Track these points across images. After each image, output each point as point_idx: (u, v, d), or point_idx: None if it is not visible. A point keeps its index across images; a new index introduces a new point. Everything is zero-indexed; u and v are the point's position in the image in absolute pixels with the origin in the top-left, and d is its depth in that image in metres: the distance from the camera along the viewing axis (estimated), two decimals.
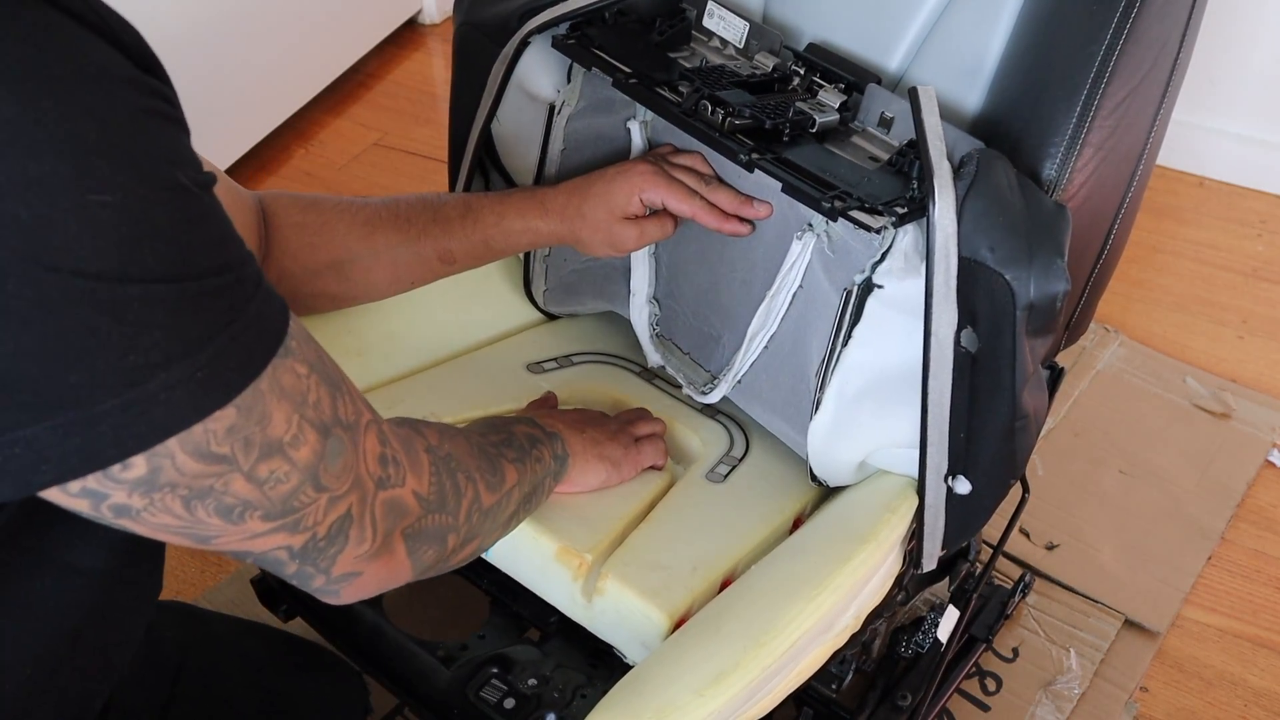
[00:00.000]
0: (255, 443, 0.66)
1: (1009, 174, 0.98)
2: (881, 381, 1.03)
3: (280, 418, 0.67)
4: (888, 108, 1.08)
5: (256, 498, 0.68)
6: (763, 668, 0.92)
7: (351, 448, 0.73)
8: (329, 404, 0.71)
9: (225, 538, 0.69)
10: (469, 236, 1.15)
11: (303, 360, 0.69)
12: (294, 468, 0.69)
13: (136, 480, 0.62)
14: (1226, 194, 2.32)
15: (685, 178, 1.15)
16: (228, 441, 0.64)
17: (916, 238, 0.98)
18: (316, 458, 0.70)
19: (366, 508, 0.76)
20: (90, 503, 0.63)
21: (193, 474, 0.64)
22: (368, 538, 0.76)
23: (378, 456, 0.76)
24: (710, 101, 1.05)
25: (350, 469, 0.74)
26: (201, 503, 0.66)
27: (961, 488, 1.01)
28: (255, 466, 0.67)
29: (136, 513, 0.64)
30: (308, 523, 0.72)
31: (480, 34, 1.22)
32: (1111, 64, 1.00)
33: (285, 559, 0.73)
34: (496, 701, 1.05)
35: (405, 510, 0.79)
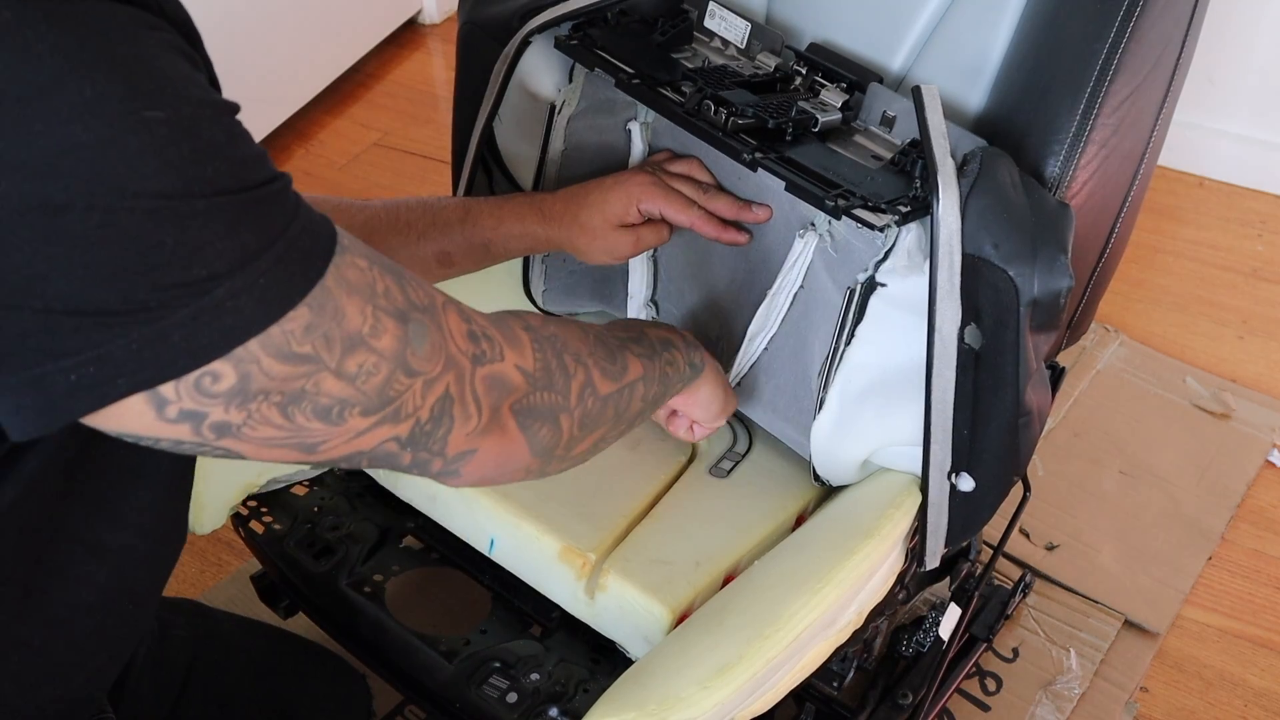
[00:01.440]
0: (335, 338, 0.66)
1: (1012, 172, 0.98)
2: (885, 380, 1.03)
3: (354, 310, 0.67)
4: (890, 107, 1.08)
5: (351, 394, 0.68)
6: (766, 661, 0.92)
7: (435, 328, 0.73)
8: (399, 291, 0.71)
9: (331, 441, 0.69)
10: (468, 239, 1.15)
11: (361, 255, 0.69)
12: (381, 357, 0.69)
13: (229, 391, 0.63)
14: (1226, 194, 2.32)
15: (683, 187, 1.15)
16: (308, 340, 0.65)
17: (919, 236, 0.98)
18: (401, 344, 0.70)
19: (466, 385, 0.75)
20: (191, 426, 0.63)
21: (282, 376, 0.64)
22: (473, 413, 0.76)
23: (465, 333, 0.76)
24: (713, 101, 1.05)
25: (439, 349, 0.73)
26: (298, 407, 0.66)
27: (965, 485, 1.02)
28: (342, 362, 0.67)
29: (237, 428, 0.65)
30: (408, 409, 0.72)
31: (483, 33, 1.22)
32: (1115, 62, 1.00)
33: (396, 450, 0.73)
34: (499, 696, 1.05)
35: (509, 385, 0.78)
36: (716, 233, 1.14)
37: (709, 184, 1.17)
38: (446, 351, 0.74)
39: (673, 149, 1.21)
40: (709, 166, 1.18)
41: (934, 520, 1.04)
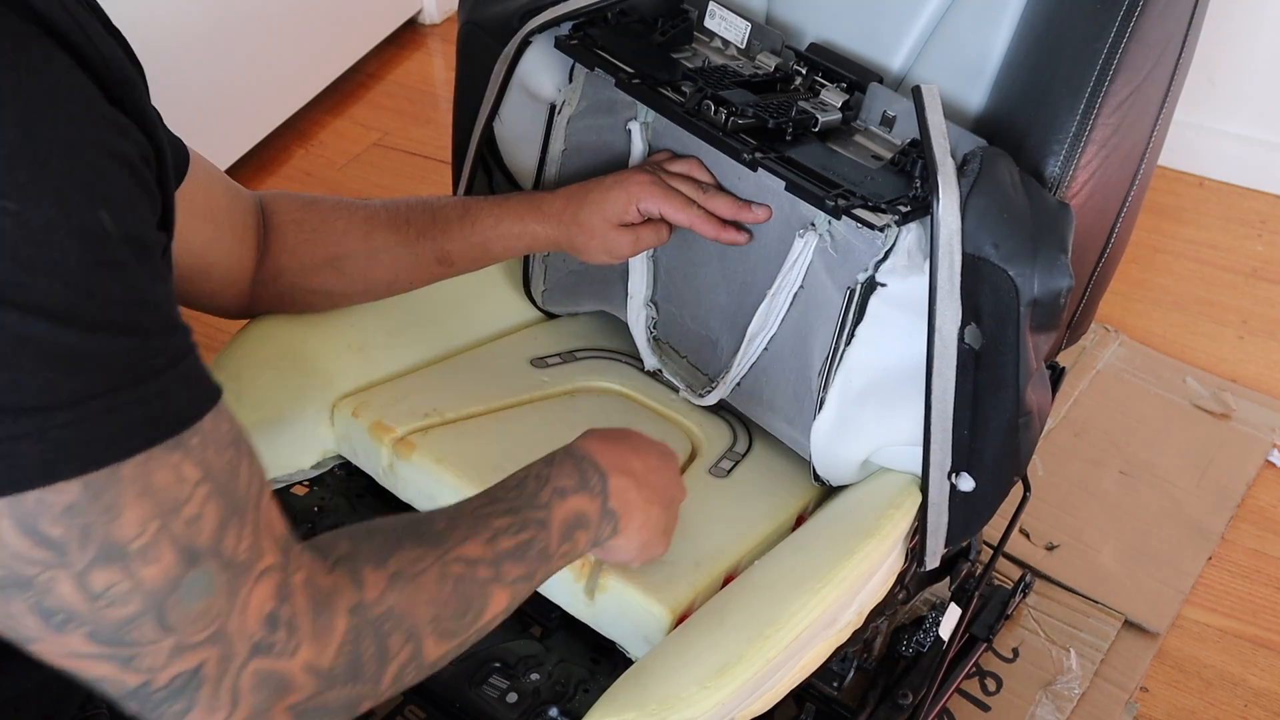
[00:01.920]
0: (94, 537, 0.57)
1: (1012, 172, 0.98)
2: (885, 380, 1.03)
3: (133, 517, 0.58)
4: (890, 107, 1.08)
5: (85, 610, 0.58)
6: (766, 660, 0.92)
7: (225, 592, 0.62)
8: (211, 528, 0.61)
9: (44, 644, 0.59)
10: (467, 239, 1.15)
11: (199, 464, 0.60)
12: (135, 588, 0.58)
13: None
14: (1226, 194, 2.32)
15: (683, 186, 1.15)
16: (62, 523, 0.56)
17: (919, 235, 0.98)
18: (168, 586, 0.59)
19: (229, 671, 0.63)
20: None
21: (13, 552, 0.55)
22: (224, 707, 0.63)
23: (264, 615, 0.64)
24: (713, 101, 1.05)
25: (214, 617, 0.62)
26: (20, 594, 0.57)
27: (965, 485, 1.02)
28: (89, 570, 0.57)
29: None
30: (143, 664, 0.60)
31: (483, 33, 1.22)
32: (1115, 62, 1.00)
33: (118, 694, 0.62)
34: (498, 696, 1.05)
35: (288, 686, 0.65)
36: (715, 232, 1.14)
37: (708, 184, 1.17)
38: (222, 624, 0.62)
39: (673, 149, 1.21)
40: (709, 166, 1.18)
41: (934, 520, 1.04)
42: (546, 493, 0.85)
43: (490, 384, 1.24)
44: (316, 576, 0.67)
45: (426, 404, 1.19)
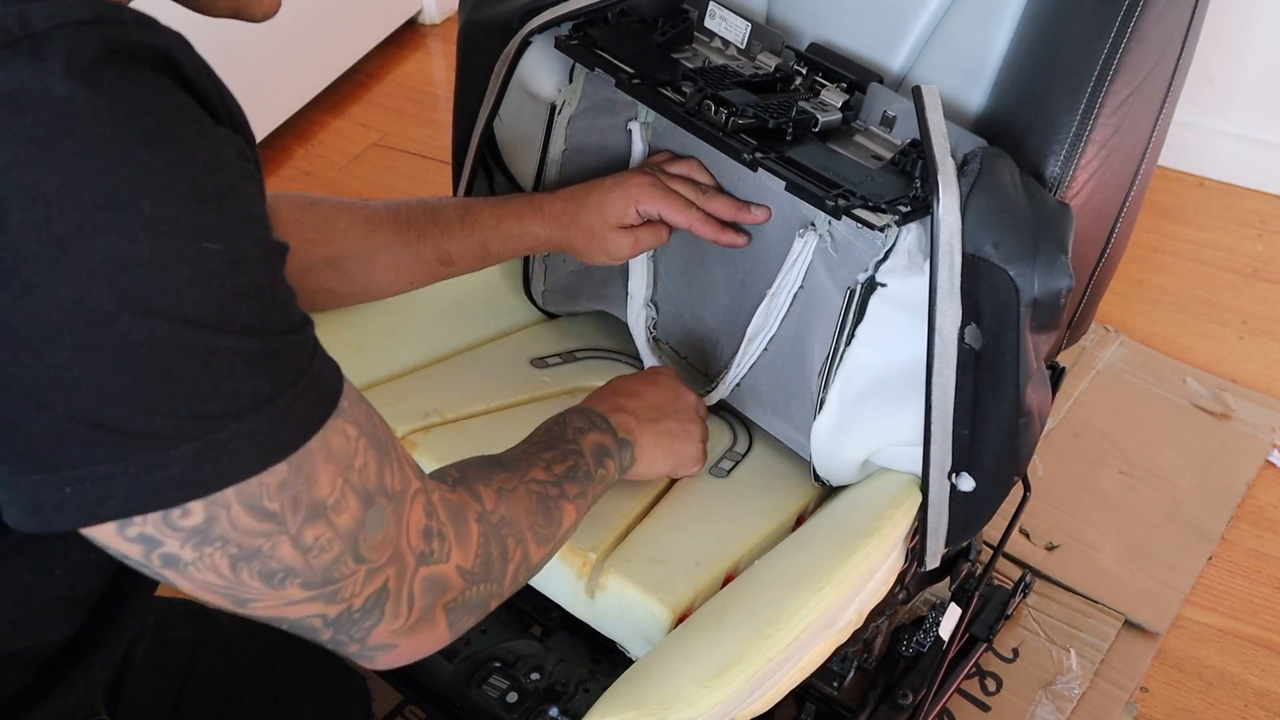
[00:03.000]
0: (302, 503, 0.67)
1: (1012, 172, 0.98)
2: (885, 380, 1.03)
3: (326, 479, 0.68)
4: (890, 107, 1.08)
5: (300, 565, 0.68)
6: (766, 660, 0.92)
7: (394, 519, 0.73)
8: (375, 470, 0.71)
9: (263, 602, 0.69)
10: (467, 239, 1.15)
11: (353, 422, 0.70)
12: (336, 534, 0.69)
13: (192, 529, 0.63)
14: (1226, 194, 2.32)
15: (681, 188, 1.15)
16: (279, 497, 0.65)
17: (920, 236, 0.98)
18: (357, 525, 0.70)
19: (405, 582, 0.74)
20: (143, 549, 0.64)
21: (244, 529, 0.65)
22: (403, 612, 0.75)
23: (422, 530, 0.75)
24: (713, 101, 1.05)
25: (390, 541, 0.73)
26: (248, 564, 0.66)
27: (965, 485, 1.02)
28: (302, 529, 0.67)
29: (184, 565, 0.65)
30: (345, 594, 0.71)
31: (483, 33, 1.22)
32: (1115, 62, 1.00)
33: (320, 626, 0.73)
34: (499, 696, 1.05)
35: (447, 585, 0.78)
36: (714, 234, 1.14)
37: (708, 185, 1.17)
38: (396, 545, 0.73)
39: (673, 149, 1.21)
40: (709, 166, 1.18)
41: (934, 520, 1.04)
42: (570, 431, 0.98)
43: (490, 384, 1.24)
44: (447, 495, 0.79)
45: (427, 404, 1.19)
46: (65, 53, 0.56)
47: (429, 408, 1.18)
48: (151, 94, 0.59)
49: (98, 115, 0.57)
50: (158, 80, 0.60)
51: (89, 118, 0.56)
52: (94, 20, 0.57)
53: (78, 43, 0.56)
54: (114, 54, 0.58)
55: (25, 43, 0.56)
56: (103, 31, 0.57)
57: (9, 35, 0.55)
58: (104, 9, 0.58)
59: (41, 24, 0.56)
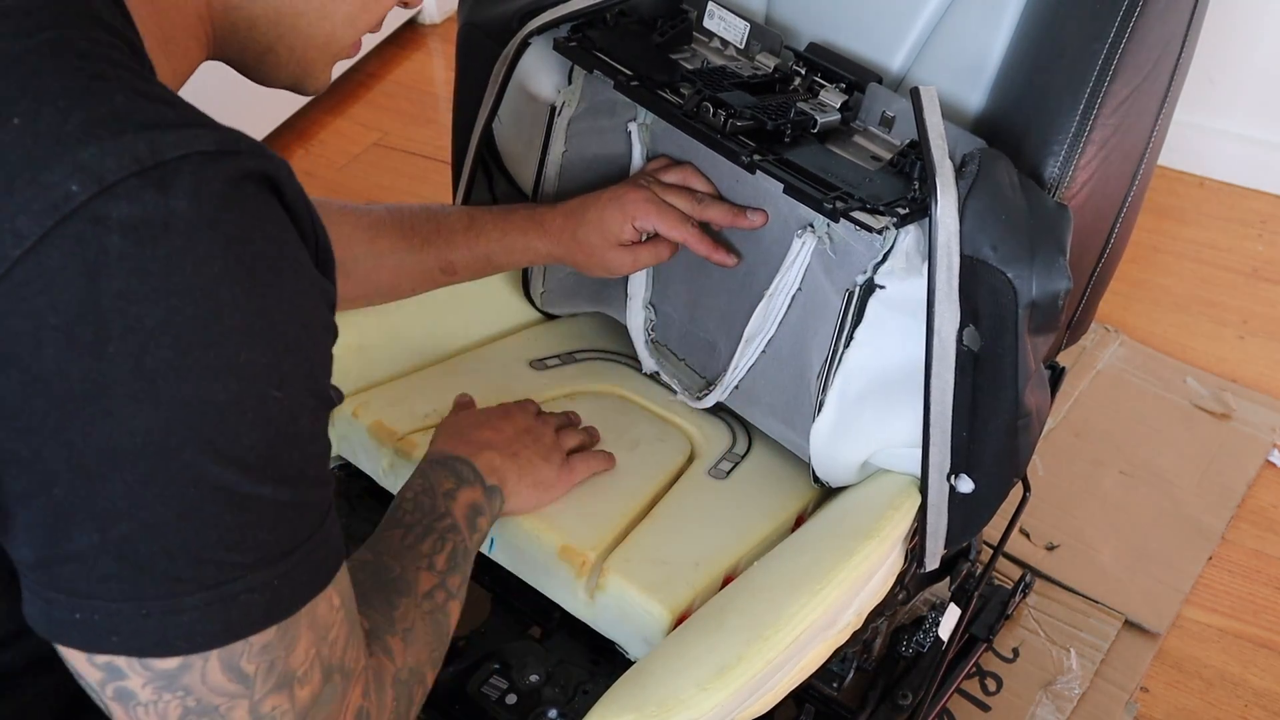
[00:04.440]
0: (275, 671, 0.65)
1: (1010, 173, 0.98)
2: (884, 382, 1.03)
3: (302, 648, 0.66)
4: (889, 107, 1.08)
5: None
6: (766, 662, 0.92)
7: (339, 699, 0.71)
8: (342, 645, 0.70)
9: None
10: (471, 250, 1.16)
11: (340, 592, 0.69)
12: (292, 709, 0.67)
13: (162, 672, 0.62)
14: (1226, 194, 2.32)
15: (678, 199, 1.15)
16: (257, 660, 0.64)
17: (918, 238, 0.98)
18: (311, 702, 0.68)
19: None
20: (104, 676, 0.63)
21: (212, 686, 0.63)
22: None
23: (356, 710, 0.73)
24: (711, 103, 1.05)
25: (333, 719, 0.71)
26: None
27: (964, 486, 1.02)
28: (264, 699, 0.65)
29: (135, 704, 0.63)
30: None
31: (482, 34, 1.22)
32: (1115, 62, 1.00)
33: None
34: (498, 697, 1.05)
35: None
36: (707, 252, 1.15)
37: (705, 193, 1.17)
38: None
39: (672, 151, 1.21)
40: (707, 168, 1.17)
41: (933, 522, 1.04)
42: (441, 501, 0.96)
43: (489, 385, 1.24)
44: (369, 662, 0.76)
45: (426, 405, 1.19)
46: (192, 187, 0.57)
47: (429, 408, 1.18)
48: (265, 234, 0.60)
49: (211, 252, 0.58)
50: (271, 214, 0.61)
51: (203, 255, 0.57)
52: (218, 152, 0.59)
53: (203, 177, 0.57)
54: (235, 185, 0.59)
55: (154, 173, 0.56)
56: (225, 163, 0.59)
57: (139, 164, 0.56)
58: (226, 139, 0.60)
59: (170, 153, 0.57)
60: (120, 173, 0.56)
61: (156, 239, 0.56)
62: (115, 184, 0.56)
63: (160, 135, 0.57)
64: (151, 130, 0.57)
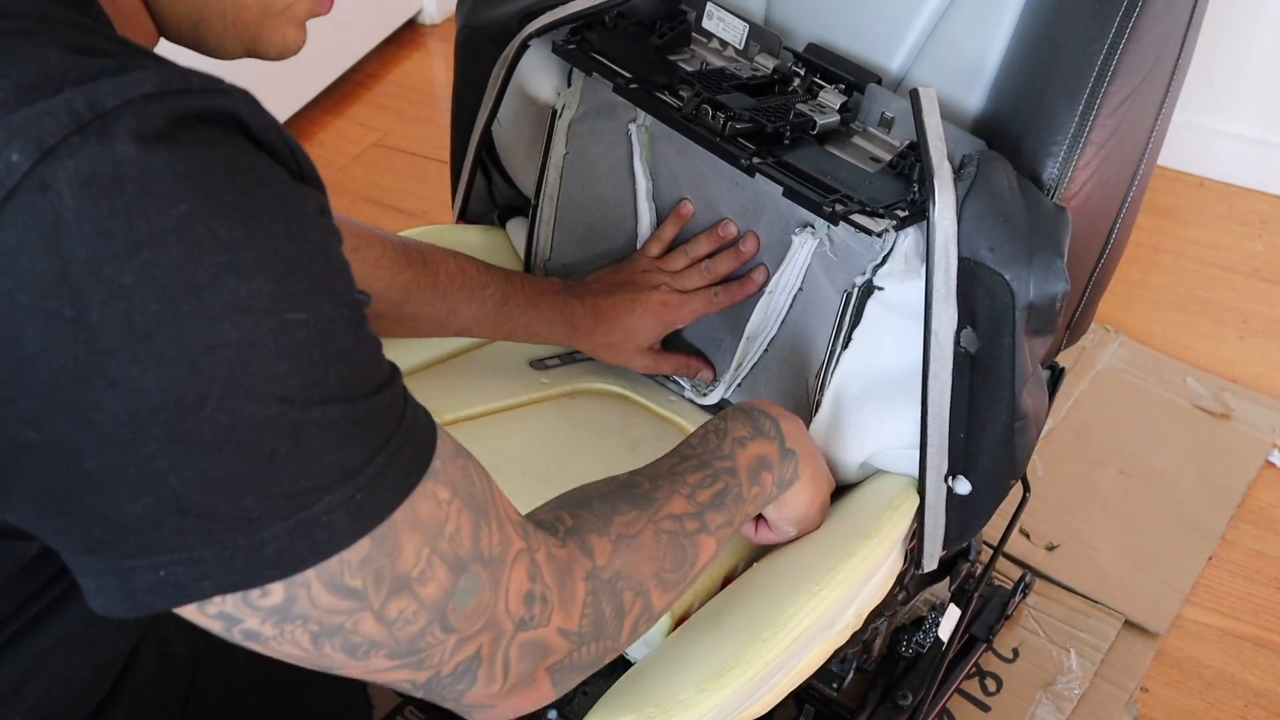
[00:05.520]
0: (385, 577, 0.64)
1: (1009, 175, 0.98)
2: (881, 384, 1.03)
3: (410, 550, 0.64)
4: (888, 108, 1.08)
5: (383, 638, 0.66)
6: (765, 663, 0.92)
7: (489, 586, 0.69)
8: (469, 535, 0.68)
9: (349, 669, 0.67)
10: (495, 328, 1.18)
11: (446, 483, 0.66)
12: (421, 606, 0.66)
13: (272, 608, 0.62)
14: (1226, 194, 2.32)
15: (695, 280, 1.22)
16: (360, 574, 0.63)
17: (917, 240, 0.98)
18: (445, 595, 0.67)
19: (500, 649, 0.71)
20: (223, 625, 0.62)
21: (325, 608, 0.63)
22: (498, 678, 0.72)
23: (523, 595, 0.71)
24: (710, 106, 1.05)
25: (485, 609, 0.69)
26: (330, 640, 0.64)
27: (962, 488, 1.02)
28: (385, 604, 0.64)
29: (265, 639, 0.63)
30: (432, 661, 0.69)
31: (481, 37, 1.22)
32: (1114, 62, 1.00)
33: (410, 688, 0.71)
34: None
35: (548, 649, 0.74)
36: (741, 297, 1.20)
37: (708, 253, 1.22)
38: (492, 612, 0.70)
39: (670, 154, 1.21)
40: (706, 171, 1.17)
41: (931, 523, 1.04)
42: (728, 444, 0.92)
43: (490, 385, 1.24)
44: (554, 550, 0.74)
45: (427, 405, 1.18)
46: (134, 129, 0.54)
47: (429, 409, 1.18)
48: (227, 159, 0.57)
49: (174, 193, 0.55)
50: (230, 141, 0.58)
51: (164, 197, 0.55)
52: (161, 92, 0.56)
53: (146, 116, 0.54)
54: (183, 120, 0.56)
55: (94, 125, 0.54)
56: (170, 102, 0.56)
57: (77, 119, 0.53)
58: (170, 78, 0.56)
59: (109, 102, 0.54)
60: (59, 133, 0.53)
61: (111, 191, 0.53)
62: (56, 145, 0.53)
63: (97, 86, 0.54)
64: (88, 83, 0.55)
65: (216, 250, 0.55)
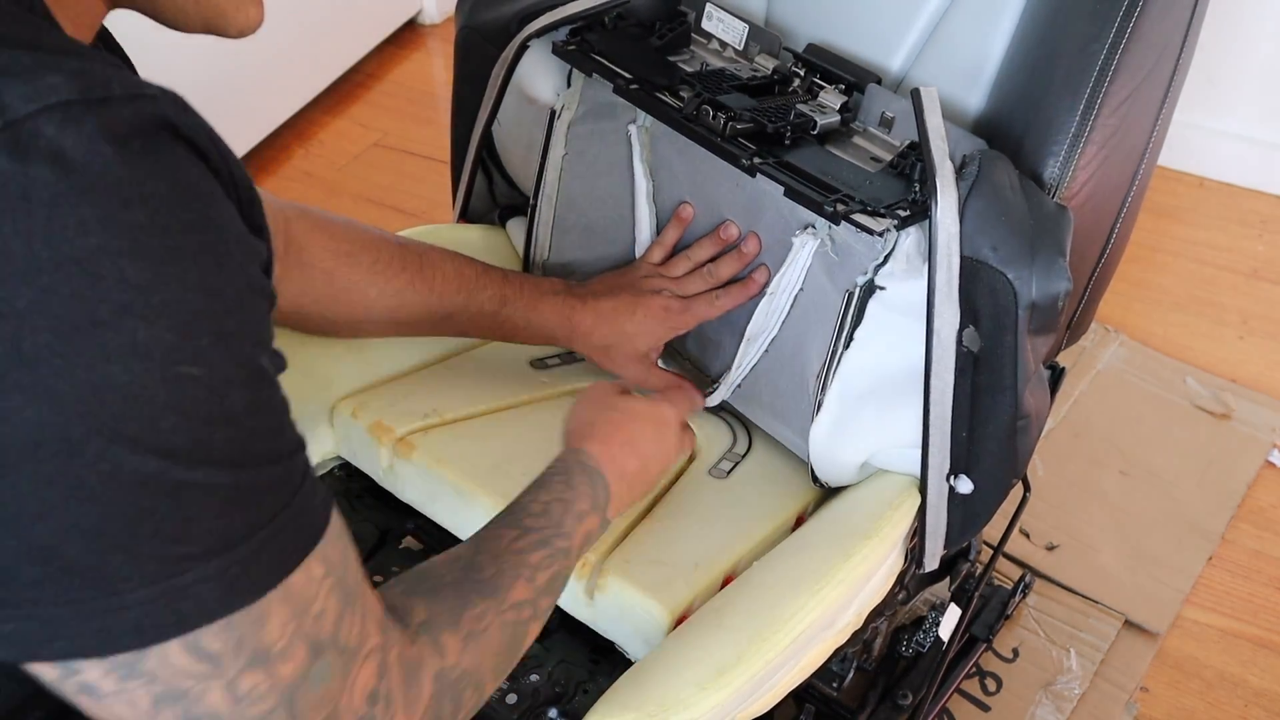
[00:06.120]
0: (247, 646, 0.60)
1: (1010, 174, 0.98)
2: (883, 383, 1.03)
3: (277, 623, 0.61)
4: (889, 108, 1.08)
5: (227, 713, 0.61)
6: (765, 662, 0.92)
7: (339, 676, 0.65)
8: (333, 619, 0.64)
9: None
10: (493, 330, 1.17)
11: (324, 561, 0.63)
12: (273, 685, 0.62)
13: (120, 662, 0.57)
14: (1226, 194, 2.32)
15: (697, 285, 1.21)
16: (220, 638, 0.59)
17: (919, 240, 0.98)
18: (299, 678, 0.63)
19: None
20: (59, 674, 0.58)
21: (177, 669, 0.58)
22: None
23: (368, 693, 0.67)
24: (711, 106, 1.05)
25: (330, 700, 0.65)
26: (171, 706, 0.59)
27: (964, 487, 1.02)
28: (239, 676, 0.60)
29: (101, 695, 0.58)
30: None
31: (480, 37, 1.22)
32: (1115, 62, 1.00)
33: None
34: (498, 697, 1.05)
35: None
36: (746, 298, 1.19)
37: (710, 257, 1.21)
38: (335, 704, 0.66)
39: (670, 154, 1.21)
40: (707, 171, 1.17)
41: (933, 522, 1.04)
42: (570, 520, 0.88)
43: (490, 385, 1.24)
44: (405, 649, 0.71)
45: (426, 404, 1.19)
46: (52, 150, 0.50)
47: (429, 408, 1.18)
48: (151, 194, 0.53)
49: (85, 224, 0.51)
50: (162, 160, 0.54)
51: (74, 226, 0.51)
52: (81, 100, 0.52)
53: (65, 135, 0.51)
54: (110, 139, 0.52)
55: (6, 134, 0.50)
56: (93, 116, 0.52)
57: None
58: (90, 84, 0.52)
59: (21, 108, 0.50)
60: None
61: (16, 211, 0.50)
62: None
63: (8, 87, 0.51)
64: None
65: (122, 289, 0.52)
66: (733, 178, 1.15)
